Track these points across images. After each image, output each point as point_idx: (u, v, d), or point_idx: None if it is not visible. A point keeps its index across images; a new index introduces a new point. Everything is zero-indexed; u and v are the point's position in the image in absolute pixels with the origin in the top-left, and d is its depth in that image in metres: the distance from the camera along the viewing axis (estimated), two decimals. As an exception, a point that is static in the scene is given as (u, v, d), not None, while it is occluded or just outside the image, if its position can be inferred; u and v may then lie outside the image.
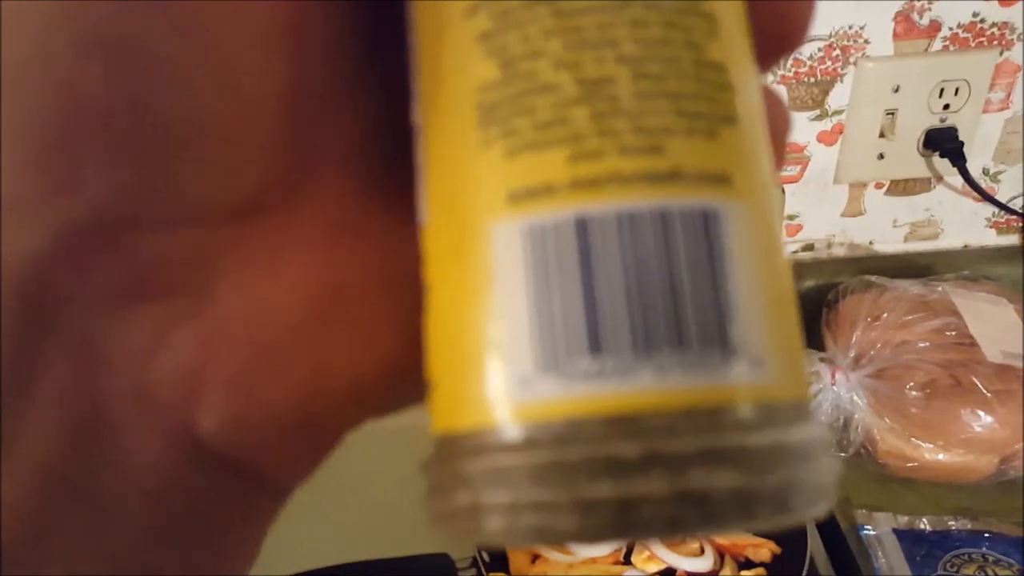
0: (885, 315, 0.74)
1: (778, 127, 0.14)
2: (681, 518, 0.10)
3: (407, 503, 0.16)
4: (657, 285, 0.11)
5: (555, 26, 0.11)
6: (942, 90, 0.76)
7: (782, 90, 0.75)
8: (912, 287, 0.77)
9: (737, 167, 0.12)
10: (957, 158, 0.77)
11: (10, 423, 0.11)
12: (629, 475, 0.10)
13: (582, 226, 0.11)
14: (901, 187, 0.83)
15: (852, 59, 0.74)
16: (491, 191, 0.11)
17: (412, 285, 0.13)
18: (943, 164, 0.79)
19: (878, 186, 0.83)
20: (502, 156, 0.11)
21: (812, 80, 0.75)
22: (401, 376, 0.14)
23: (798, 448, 0.11)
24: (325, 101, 0.13)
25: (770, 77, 0.73)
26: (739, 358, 0.11)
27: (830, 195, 0.83)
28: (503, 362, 0.11)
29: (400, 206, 0.14)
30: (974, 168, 0.79)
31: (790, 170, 0.80)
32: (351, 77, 0.14)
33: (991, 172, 0.82)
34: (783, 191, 0.67)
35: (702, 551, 0.63)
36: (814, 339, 0.76)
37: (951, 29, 0.73)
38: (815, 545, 0.64)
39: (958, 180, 0.80)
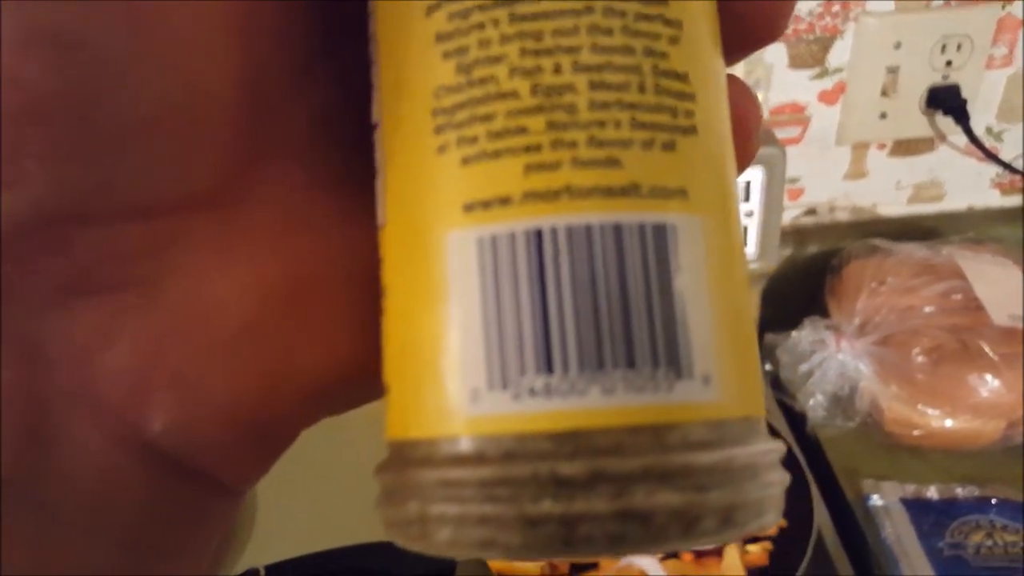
0: (890, 280, 0.72)
1: (746, 120, 0.13)
2: (624, 535, 0.10)
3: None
4: (609, 302, 0.11)
5: (513, 31, 0.11)
6: (944, 46, 0.74)
7: (781, 49, 0.73)
8: (917, 250, 0.75)
9: (695, 180, 0.11)
10: (960, 116, 0.75)
11: None
12: (573, 492, 0.10)
13: (536, 239, 0.11)
14: (904, 147, 0.81)
15: (852, 15, 0.72)
16: (447, 199, 0.11)
17: (370, 284, 0.13)
18: (946, 123, 0.77)
19: (880, 147, 0.80)
20: (459, 164, 0.11)
21: (811, 37, 0.73)
22: (358, 375, 0.14)
23: (744, 465, 0.11)
24: (277, 92, 0.13)
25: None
26: (687, 377, 0.11)
27: (832, 157, 0.80)
28: (456, 375, 0.11)
29: (358, 203, 0.13)
30: (977, 127, 0.76)
31: (791, 131, 0.77)
32: (304, 68, 0.13)
33: (995, 131, 0.80)
34: (784, 153, 0.65)
35: (706, 525, 0.61)
36: (818, 306, 0.74)
37: (955, -19, 0.70)
38: (822, 517, 0.62)
39: (961, 139, 0.78)
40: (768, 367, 0.74)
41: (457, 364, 0.11)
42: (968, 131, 0.75)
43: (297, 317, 0.13)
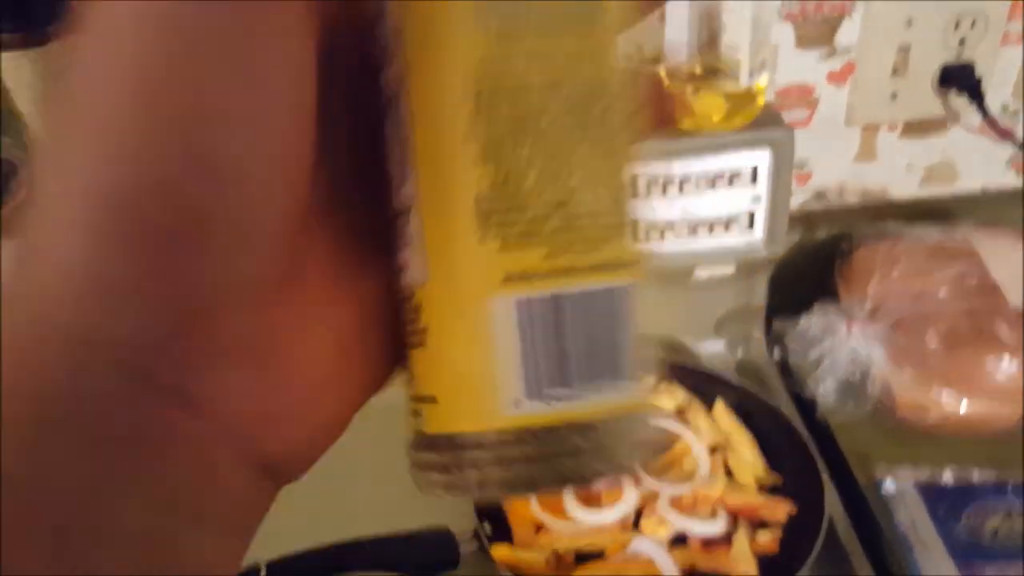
0: (902, 263, 0.71)
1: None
2: (585, 469, 0.17)
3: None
4: (603, 339, 0.17)
5: (533, 160, 0.16)
6: (958, 23, 0.72)
7: (788, 29, 0.71)
8: (930, 233, 0.73)
9: (635, 253, 0.17)
10: (975, 95, 0.73)
11: (131, 471, 0.15)
12: (569, 452, 0.17)
13: (557, 302, 0.16)
14: (916, 128, 0.79)
15: (861, -8, 0.70)
16: (490, 273, 0.16)
17: (390, 323, 0.18)
18: (960, 102, 0.75)
19: (891, 128, 0.79)
20: (498, 249, 0.16)
21: (820, 17, 0.71)
22: (382, 386, 0.19)
23: (645, 422, 0.18)
24: (323, 196, 0.17)
25: (776, 15, 0.69)
26: (633, 382, 0.17)
27: (841, 139, 0.79)
28: (502, 390, 0.16)
29: (372, 268, 0.19)
30: (992, 105, 0.75)
31: (799, 114, 0.76)
32: (330, 192, 0.18)
33: (1011, 109, 0.78)
34: (792, 135, 0.64)
35: (714, 514, 0.60)
36: (828, 292, 0.73)
37: (966, -44, 0.69)
38: (833, 504, 0.61)
39: (975, 119, 0.76)
40: (777, 354, 0.73)
41: (504, 383, 0.17)
42: (983, 110, 0.74)
43: (354, 357, 0.18)
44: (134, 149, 0.13)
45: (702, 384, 0.69)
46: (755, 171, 0.65)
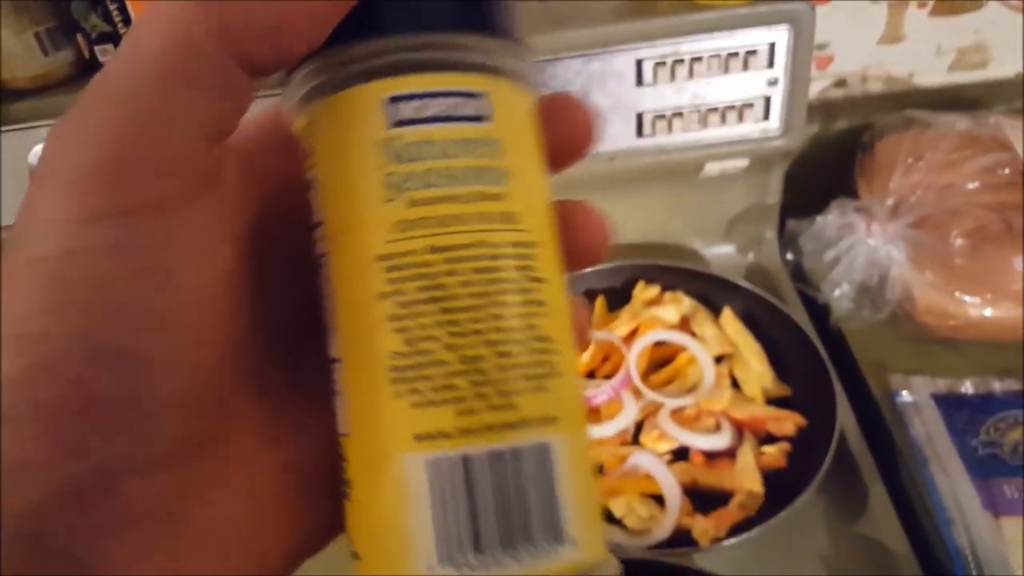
0: (928, 155, 0.65)
1: (582, 327, 0.20)
2: None
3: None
4: (515, 500, 0.16)
5: (443, 319, 0.16)
6: None
7: None
8: (959, 121, 0.67)
9: (561, 408, 0.17)
10: (1017, -35, 0.66)
11: None
12: None
13: (466, 461, 0.16)
14: (947, 5, 0.72)
15: None
16: (402, 431, 0.16)
17: (329, 474, 0.18)
18: (998, -25, 0.68)
19: (920, 5, 0.71)
20: (410, 407, 0.16)
21: None
22: (320, 545, 0.20)
23: None
24: (252, 365, 0.19)
25: None
26: (565, 543, 0.16)
27: (865, 17, 0.72)
28: (415, 554, 0.16)
29: (315, 417, 0.19)
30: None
31: (820, -11, 0.69)
32: (271, 341, 0.19)
33: (1054, -17, 0.71)
34: (812, 10, 0.57)
35: (718, 427, 0.57)
36: (847, 188, 0.67)
37: None
38: (845, 415, 0.57)
39: (1015, -6, 0.69)
40: (790, 256, 0.68)
41: (415, 546, 0.16)
42: (1024, -17, 0.66)
43: (277, 519, 0.19)
44: (36, 343, 0.15)
45: (709, 289, 0.65)
46: (772, 50, 0.58)
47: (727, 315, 0.62)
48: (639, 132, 0.61)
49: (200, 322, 0.17)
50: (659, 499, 0.53)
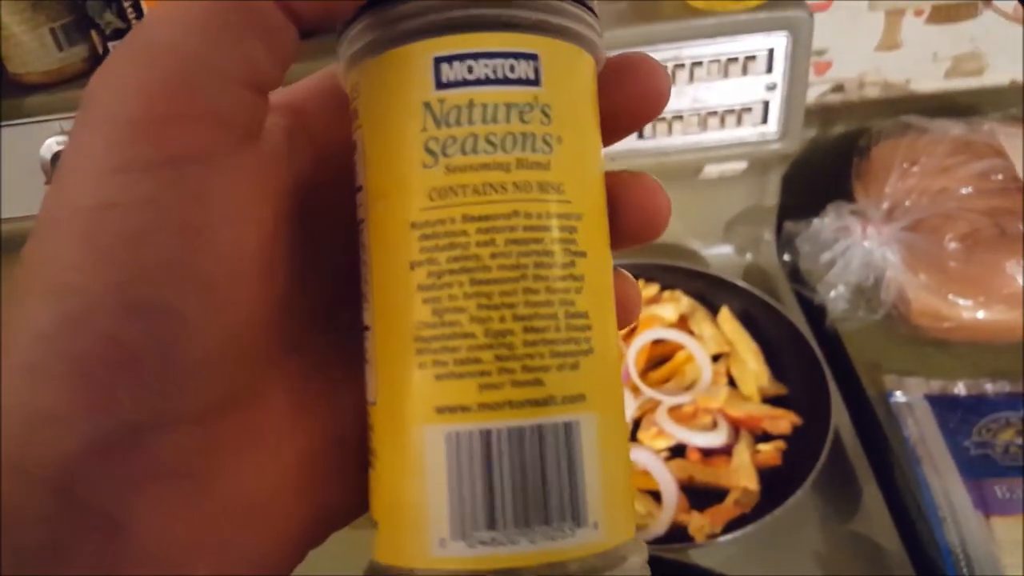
0: (923, 160, 0.66)
1: (628, 301, 0.19)
2: None
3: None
4: (534, 479, 0.16)
5: (472, 291, 0.16)
6: None
7: None
8: (953, 127, 0.68)
9: (592, 387, 0.17)
10: (1013, -25, 0.67)
11: None
12: None
13: (486, 436, 0.16)
14: (944, 13, 0.73)
15: None
16: (424, 402, 0.16)
17: (358, 445, 0.18)
18: (994, -16, 0.69)
19: (917, 13, 0.72)
20: (433, 378, 0.16)
21: None
22: (345, 520, 0.19)
23: (614, 569, 0.16)
24: (289, 322, 0.18)
25: None
26: (584, 526, 0.16)
27: (863, 24, 0.72)
28: (429, 528, 0.16)
29: (346, 386, 0.19)
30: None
31: (819, -5, 0.70)
32: (310, 306, 0.19)
33: (1049, -7, 0.72)
34: (811, 17, 0.58)
35: (715, 425, 0.58)
36: (844, 192, 0.68)
37: None
38: (840, 415, 0.58)
39: (1009, 3, 0.70)
40: (787, 257, 0.69)
41: (430, 520, 0.16)
42: (1019, -8, 0.67)
43: (306, 487, 0.18)
44: (70, 296, 0.15)
45: (707, 289, 0.66)
46: (771, 56, 0.59)
47: (725, 314, 0.63)
48: (640, 134, 0.62)
49: (236, 280, 0.16)
50: (656, 495, 0.54)
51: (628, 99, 0.19)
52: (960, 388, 0.60)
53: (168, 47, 0.15)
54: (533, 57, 0.16)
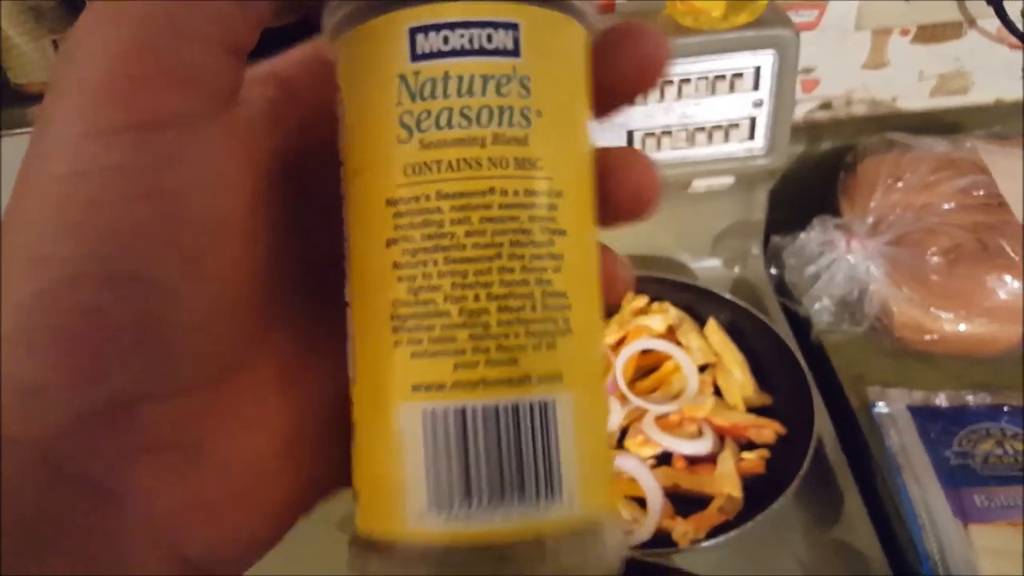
0: (907, 176, 0.67)
1: (614, 279, 0.19)
2: None
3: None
4: (508, 456, 0.16)
5: (447, 270, 0.16)
6: (980, -83, 0.66)
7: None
8: (937, 145, 0.69)
9: (570, 366, 0.16)
10: (994, -2, 0.68)
11: (40, 551, 0.15)
12: None
13: (461, 414, 0.16)
14: (929, 34, 0.74)
15: None
16: (400, 380, 0.16)
17: (342, 419, 0.18)
18: (976, 6, 0.70)
19: (904, 33, 0.74)
20: (409, 356, 0.16)
21: (834, -93, 0.66)
22: (332, 490, 0.19)
23: (593, 544, 0.17)
24: (277, 289, 0.18)
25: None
26: (558, 500, 0.16)
27: (851, 44, 0.74)
28: (407, 501, 0.16)
29: (333, 361, 0.18)
30: (1012, 9, 0.70)
31: (806, 16, 0.71)
32: (294, 273, 0.19)
33: (1031, 14, 0.73)
34: (797, 36, 0.59)
35: (700, 433, 0.59)
36: (830, 207, 0.70)
37: None
38: (823, 424, 0.59)
39: (993, 24, 0.71)
40: (773, 270, 0.70)
41: (409, 493, 0.16)
42: (1001, 14, 0.69)
43: (294, 456, 0.18)
44: (49, 267, 0.15)
45: (695, 301, 0.67)
46: (758, 73, 0.61)
47: (712, 326, 0.64)
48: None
49: (216, 249, 0.16)
50: (642, 501, 0.55)
51: (627, 67, 0.18)
52: (941, 399, 0.61)
53: (135, 5, 0.15)
54: (513, 26, 0.16)
